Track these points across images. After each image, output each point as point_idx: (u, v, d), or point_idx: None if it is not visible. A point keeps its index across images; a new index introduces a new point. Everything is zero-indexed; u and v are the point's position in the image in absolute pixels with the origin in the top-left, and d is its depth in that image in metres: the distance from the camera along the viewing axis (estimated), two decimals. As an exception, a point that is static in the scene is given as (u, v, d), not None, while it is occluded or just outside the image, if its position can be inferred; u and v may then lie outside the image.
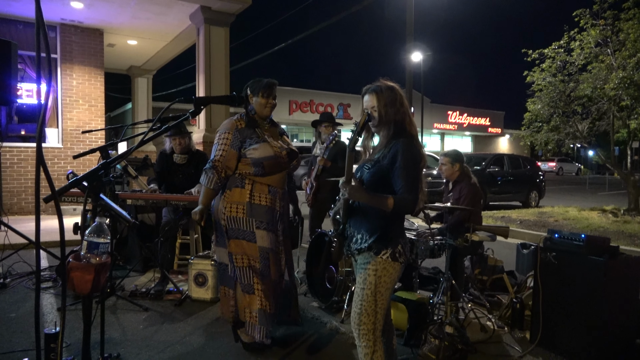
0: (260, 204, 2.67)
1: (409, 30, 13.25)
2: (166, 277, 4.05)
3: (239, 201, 2.67)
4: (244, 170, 2.68)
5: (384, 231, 2.00)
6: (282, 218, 2.79)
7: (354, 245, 2.06)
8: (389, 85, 2.08)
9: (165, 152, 4.42)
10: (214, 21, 7.69)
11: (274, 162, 2.67)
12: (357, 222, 2.07)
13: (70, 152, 8.54)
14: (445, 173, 3.83)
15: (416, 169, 1.97)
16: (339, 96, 29.78)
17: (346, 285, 3.61)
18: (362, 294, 2.01)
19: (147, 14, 7.99)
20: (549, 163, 33.98)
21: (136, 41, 9.80)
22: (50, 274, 4.43)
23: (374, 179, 2.01)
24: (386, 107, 2.03)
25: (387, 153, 2.00)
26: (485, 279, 4.23)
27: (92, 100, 8.80)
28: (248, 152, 2.66)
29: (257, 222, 2.67)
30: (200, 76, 7.82)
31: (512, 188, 11.57)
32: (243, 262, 2.71)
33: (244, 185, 2.68)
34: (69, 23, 8.43)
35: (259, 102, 2.73)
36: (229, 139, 2.68)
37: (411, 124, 2.07)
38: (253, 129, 2.71)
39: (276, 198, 2.72)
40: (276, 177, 2.72)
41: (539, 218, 8.97)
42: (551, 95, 10.08)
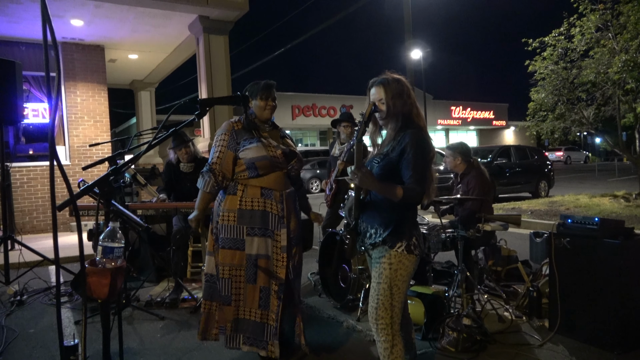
0: (251, 209, 2.56)
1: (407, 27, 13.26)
2: (180, 286, 4.06)
3: (230, 208, 2.58)
4: (240, 174, 2.61)
5: (398, 224, 1.99)
6: (282, 222, 2.61)
7: (368, 240, 2.05)
8: (395, 77, 2.08)
9: (171, 162, 4.44)
10: (212, 30, 7.74)
11: (267, 163, 2.56)
12: (369, 216, 2.06)
13: (78, 169, 8.61)
14: (450, 166, 3.82)
15: (425, 160, 1.96)
16: (341, 98, 29.80)
17: (360, 283, 3.60)
18: (378, 288, 2.00)
19: (146, 27, 8.05)
20: (556, 152, 33.71)
21: (137, 55, 9.88)
22: (65, 289, 4.46)
23: (384, 172, 2.00)
24: (394, 99, 2.02)
25: (396, 145, 1.99)
26: (499, 269, 4.20)
27: (97, 116, 8.88)
28: (241, 154, 2.58)
29: (247, 228, 2.56)
30: (203, 85, 7.86)
31: (520, 179, 11.51)
32: (224, 274, 2.60)
33: (236, 191, 2.60)
34: (70, 41, 8.52)
35: (258, 105, 2.66)
36: (226, 140, 2.61)
37: (419, 116, 2.06)
38: (250, 131, 2.63)
39: (272, 200, 2.58)
40: (271, 178, 2.60)
41: (549, 207, 8.89)
42: (554, 83, 10.01)
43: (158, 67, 11.04)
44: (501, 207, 9.15)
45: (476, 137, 38.84)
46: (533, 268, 4.30)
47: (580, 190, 12.57)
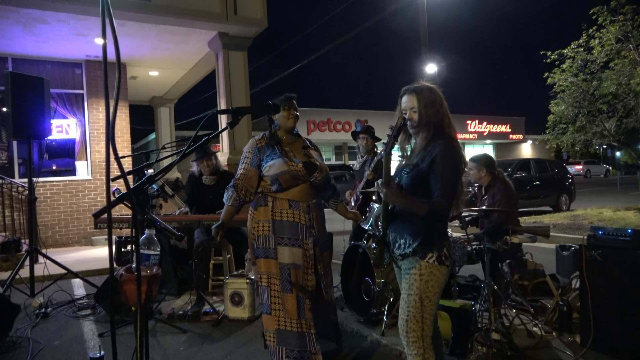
0: (282, 220, 2.70)
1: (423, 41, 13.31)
2: (202, 298, 4.06)
3: (264, 219, 2.71)
4: (266, 188, 2.75)
5: (428, 234, 1.95)
6: (310, 231, 2.74)
7: (398, 251, 2.02)
8: (428, 85, 2.06)
9: (194, 174, 4.49)
10: (231, 46, 7.87)
11: (289, 177, 2.69)
12: (399, 226, 2.03)
13: (100, 184, 8.75)
14: (473, 178, 3.78)
15: (455, 172, 1.93)
16: (356, 113, 29.90)
17: (384, 297, 3.54)
18: (409, 300, 1.96)
19: (167, 45, 8.23)
20: (576, 166, 33.17)
21: (157, 72, 10.08)
22: (88, 302, 4.49)
23: (413, 182, 1.98)
24: (426, 107, 2.00)
25: (426, 156, 1.97)
26: (526, 284, 4.10)
27: (118, 131, 9.04)
28: (265, 170, 2.73)
29: (278, 238, 2.69)
30: (222, 101, 7.97)
31: (541, 193, 11.32)
32: (262, 282, 2.72)
33: (267, 203, 2.73)
34: (94, 59, 8.75)
35: (281, 115, 2.82)
36: (249, 157, 2.78)
37: (450, 125, 2.04)
38: (273, 147, 2.77)
39: (300, 212, 2.72)
40: (296, 191, 2.72)
41: (572, 221, 8.72)
42: (574, 95, 9.90)
43: (177, 83, 11.25)
44: (522, 222, 8.98)
45: (493, 151, 38.49)
46: (561, 282, 4.19)
47: (602, 204, 12.31)
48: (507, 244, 3.19)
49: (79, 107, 8.88)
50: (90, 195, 8.65)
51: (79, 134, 8.87)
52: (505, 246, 3.20)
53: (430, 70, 18.67)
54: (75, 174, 8.78)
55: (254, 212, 2.77)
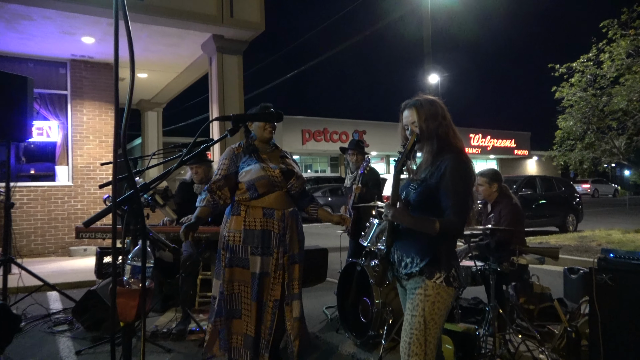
0: (254, 229, 2.82)
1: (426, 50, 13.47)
2: (188, 316, 4.03)
3: (236, 229, 2.85)
4: (241, 196, 2.87)
5: (436, 253, 1.96)
6: (282, 240, 2.85)
7: (403, 270, 2.03)
8: (429, 98, 2.11)
9: (186, 182, 4.48)
10: (226, 50, 7.92)
11: (266, 182, 2.81)
12: (405, 244, 2.05)
13: (81, 190, 8.70)
14: (483, 194, 3.79)
15: (466, 187, 1.96)
16: (354, 123, 30.04)
17: (383, 318, 3.53)
18: (412, 322, 1.96)
19: (159, 47, 8.26)
20: (583, 185, 33.45)
21: (146, 74, 10.10)
22: (65, 317, 4.44)
23: (421, 199, 2.01)
24: (427, 121, 2.04)
25: (435, 171, 2.00)
26: (532, 308, 4.11)
27: (103, 135, 9.03)
28: (240, 176, 2.86)
29: (251, 248, 2.82)
30: (214, 106, 7.99)
31: (547, 212, 11.39)
32: (234, 289, 2.85)
33: (239, 212, 2.87)
34: (79, 59, 8.76)
35: (258, 126, 2.96)
36: (226, 164, 2.92)
37: (456, 138, 2.08)
38: (249, 154, 2.92)
39: (274, 220, 2.84)
40: (271, 198, 2.85)
41: (580, 242, 8.76)
42: (583, 111, 10.05)
43: (167, 86, 11.28)
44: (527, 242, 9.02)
45: (496, 166, 38.77)
46: (569, 307, 4.20)
47: (610, 225, 12.39)
48: (514, 265, 3.21)
49: (62, 109, 8.86)
50: (70, 203, 8.59)
51: (61, 137, 8.84)
52: (512, 267, 3.21)
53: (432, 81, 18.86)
54: (55, 180, 8.72)
55: (227, 221, 2.91)
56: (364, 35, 15.58)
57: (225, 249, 2.87)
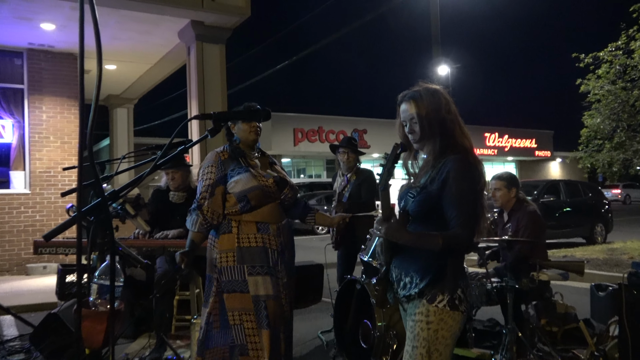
0: (250, 247, 2.79)
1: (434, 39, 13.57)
2: (164, 342, 4.02)
3: (228, 248, 2.79)
4: (230, 210, 2.82)
5: (439, 272, 1.92)
6: (281, 257, 2.86)
7: (402, 292, 2.00)
8: (430, 88, 2.05)
9: (160, 189, 4.48)
10: (207, 38, 7.94)
11: (259, 193, 2.79)
12: (404, 261, 2.01)
13: (40, 199, 8.67)
14: (501, 200, 3.82)
15: (473, 193, 1.92)
16: (353, 121, 30.12)
17: (386, 343, 3.55)
18: (413, 354, 1.92)
19: (130, 34, 8.28)
20: (613, 190, 33.67)
21: (115, 65, 10.11)
22: (22, 344, 4.42)
23: (422, 209, 1.97)
24: (428, 116, 1.99)
25: (436, 175, 1.95)
26: (555, 330, 4.14)
27: (65, 136, 9.01)
28: (230, 186, 2.81)
29: (248, 267, 2.77)
30: (193, 102, 8.01)
31: (572, 221, 11.46)
32: (234, 320, 2.78)
33: (231, 229, 2.81)
34: (38, 48, 8.75)
35: (242, 128, 2.93)
36: (213, 172, 2.85)
37: (464, 135, 2.02)
38: (237, 160, 2.88)
39: (269, 235, 2.82)
40: (265, 210, 2.83)
41: (609, 256, 8.83)
42: (612, 106, 10.15)
43: (139, 80, 11.29)
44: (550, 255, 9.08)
45: (515, 169, 38.93)
46: (596, 328, 4.23)
47: (645, 236, 12.49)
48: (534, 281, 3.24)
49: (18, 105, 8.83)
50: (27, 213, 8.56)
51: (16, 138, 8.80)
52: (532, 284, 3.24)
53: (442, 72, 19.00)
54: (10, 186, 8.69)
55: (215, 241, 2.85)
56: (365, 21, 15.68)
57: (218, 273, 2.81)
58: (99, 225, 1.41)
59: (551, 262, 3.41)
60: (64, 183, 8.85)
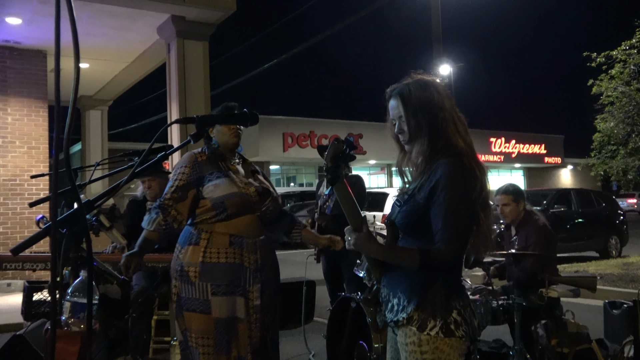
0: (217, 263, 2.71)
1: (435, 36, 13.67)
2: (140, 367, 4.00)
3: (190, 262, 2.73)
4: (202, 217, 2.77)
5: (428, 292, 1.82)
6: (256, 276, 2.78)
7: (390, 315, 1.91)
8: (421, 81, 1.96)
9: (136, 199, 4.48)
10: (189, 34, 7.95)
11: (239, 201, 2.74)
12: (392, 279, 1.93)
13: (4, 209, 8.61)
14: (510, 216, 3.85)
15: (465, 203, 1.81)
16: (348, 125, 30.24)
17: (383, 367, 3.55)
18: None
19: (104, 30, 8.28)
20: (628, 199, 33.95)
21: (88, 64, 10.09)
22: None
23: (409, 221, 1.89)
24: (417, 114, 1.90)
25: (425, 182, 1.86)
26: (566, 351, 4.15)
27: (33, 140, 8.97)
28: (206, 191, 2.76)
29: (212, 286, 2.70)
30: (173, 104, 8.01)
31: (584, 233, 11.53)
32: (192, 342, 2.73)
33: (199, 240, 2.75)
34: (3, 44, 8.72)
35: (221, 131, 2.89)
36: (186, 173, 2.80)
37: (458, 135, 1.91)
38: (216, 163, 2.84)
39: (243, 250, 2.75)
40: (243, 221, 2.77)
41: (624, 271, 8.89)
42: (626, 109, 10.25)
43: (114, 80, 11.28)
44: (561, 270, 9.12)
45: (523, 177, 39.20)
46: (610, 349, 4.26)
47: (662, 249, 12.58)
48: (543, 299, 3.26)
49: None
50: (-10, 225, 8.51)
51: (-20, 143, 8.77)
52: (541, 302, 3.27)
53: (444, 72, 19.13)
54: (-29, 197, 8.63)
55: (180, 251, 2.80)
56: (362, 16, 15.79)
57: (178, 287, 2.75)
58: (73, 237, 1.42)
59: (562, 277, 3.44)
60: (31, 192, 8.79)
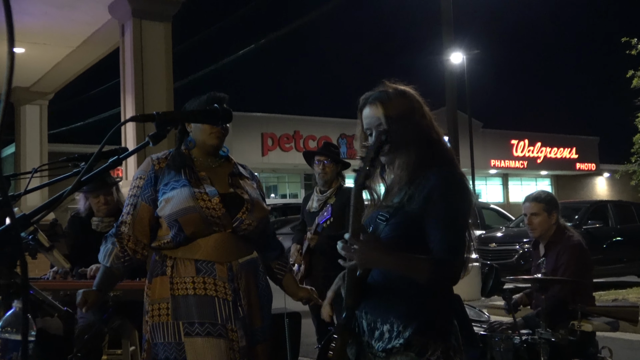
0: (187, 295, 2.64)
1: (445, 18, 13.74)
2: (86, 419, 3.97)
3: (161, 297, 2.67)
4: (162, 241, 2.71)
5: (429, 314, 1.97)
6: (236, 310, 2.68)
7: (378, 344, 2.00)
8: (399, 89, 2.16)
9: (79, 215, 4.44)
10: (147, 14, 7.94)
11: (195, 218, 2.62)
12: (377, 304, 2.04)
13: None
14: (540, 229, 3.85)
15: (464, 213, 2.03)
16: (339, 124, 30.23)
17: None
18: None
19: (44, 8, 8.27)
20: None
21: (24, 49, 10.05)
22: None
23: (400, 234, 2.02)
24: (400, 121, 2.07)
25: (415, 192, 2.01)
26: (603, 397, 4.19)
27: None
28: (160, 207, 2.69)
29: (185, 325, 2.63)
30: (128, 97, 7.98)
31: (624, 254, 11.60)
32: None
33: (165, 269, 2.69)
34: None
35: (201, 129, 2.78)
36: (140, 187, 2.75)
37: (441, 144, 2.15)
38: (178, 170, 2.74)
39: (215, 279, 2.65)
40: (208, 243, 2.67)
41: (672, 299, 8.95)
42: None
43: (56, 68, 11.23)
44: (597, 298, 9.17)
45: (551, 187, 39.33)
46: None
47: None
48: (575, 333, 3.28)
49: None
50: None
51: None
52: (572, 337, 3.28)
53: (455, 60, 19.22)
54: None
55: (148, 287, 2.73)
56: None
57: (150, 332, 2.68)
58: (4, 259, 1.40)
59: (597, 307, 3.46)
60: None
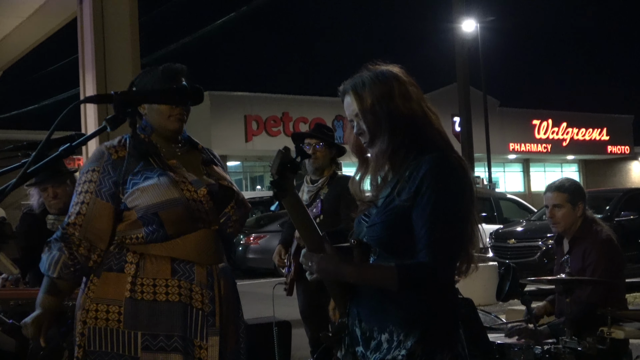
0: (154, 301, 2.60)
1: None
2: None
3: (111, 298, 2.61)
4: (128, 234, 2.67)
5: (432, 320, 2.00)
6: (210, 322, 2.66)
7: (375, 355, 2.04)
8: (377, 70, 2.18)
9: (32, 212, 4.44)
10: (109, -22, 7.93)
11: (181, 212, 2.60)
12: (374, 309, 2.08)
13: None
14: (563, 222, 3.87)
15: (456, 206, 2.02)
16: (335, 104, 30.02)
17: None
18: None
19: (-13, -29, 8.23)
20: None
21: (-36, 20, 10.04)
22: None
23: (390, 233, 2.05)
24: (374, 108, 2.10)
25: (405, 184, 2.04)
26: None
27: None
28: (130, 199, 2.63)
29: (146, 337, 2.58)
30: (88, 74, 7.95)
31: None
32: None
33: (123, 265, 2.64)
34: None
35: (157, 110, 2.73)
36: (95, 181, 2.66)
37: (432, 128, 2.14)
38: (145, 158, 2.69)
39: (192, 284, 2.63)
40: (190, 241, 2.66)
41: None
42: None
43: (3, 42, 11.21)
44: (630, 301, 9.22)
45: (578, 173, 39.41)
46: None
47: None
48: (605, 341, 3.29)
49: None
50: None
51: None
52: (601, 346, 3.29)
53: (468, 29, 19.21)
54: None
55: (91, 281, 2.66)
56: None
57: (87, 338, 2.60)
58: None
59: (630, 311, 3.47)
60: None
